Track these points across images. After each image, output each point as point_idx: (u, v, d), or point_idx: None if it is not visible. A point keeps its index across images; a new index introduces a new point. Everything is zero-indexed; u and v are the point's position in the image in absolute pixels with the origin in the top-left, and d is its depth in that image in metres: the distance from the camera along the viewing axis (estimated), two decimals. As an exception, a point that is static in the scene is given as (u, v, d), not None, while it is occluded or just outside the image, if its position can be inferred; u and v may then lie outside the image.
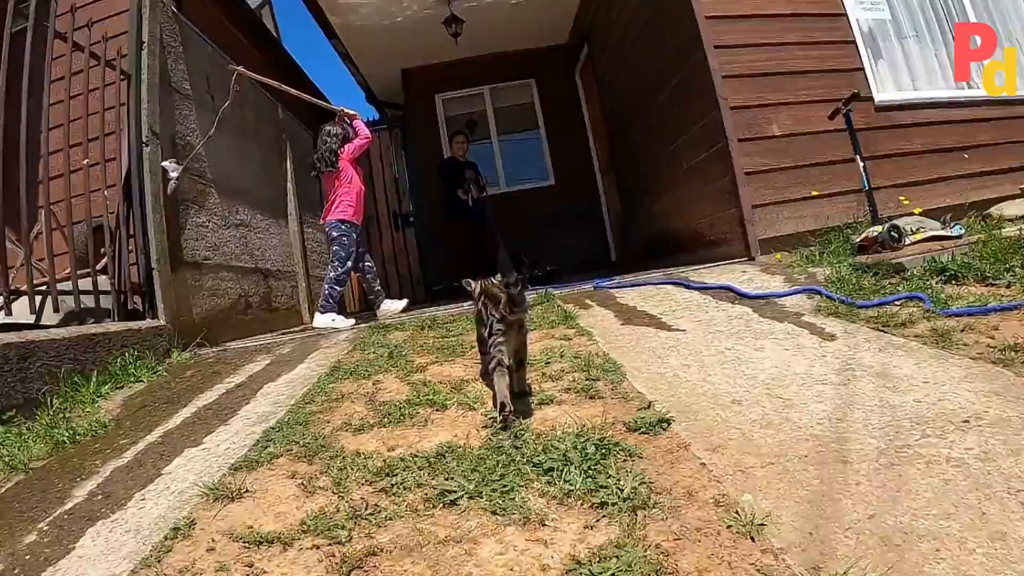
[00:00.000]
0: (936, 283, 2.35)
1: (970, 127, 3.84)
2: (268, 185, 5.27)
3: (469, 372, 2.00)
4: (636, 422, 1.36)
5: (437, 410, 1.66)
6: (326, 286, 3.91)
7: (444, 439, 1.47)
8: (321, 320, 3.81)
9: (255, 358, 2.98)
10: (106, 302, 3.21)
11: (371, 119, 8.28)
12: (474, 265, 6.34)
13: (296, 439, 1.62)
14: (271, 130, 5.36)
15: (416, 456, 1.38)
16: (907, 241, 2.83)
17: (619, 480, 1.10)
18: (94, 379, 2.67)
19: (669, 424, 1.36)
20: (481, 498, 1.13)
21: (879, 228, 2.90)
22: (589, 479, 1.12)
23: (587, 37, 6.34)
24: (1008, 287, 2.14)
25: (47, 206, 3.02)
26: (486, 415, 1.56)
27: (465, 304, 3.95)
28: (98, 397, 2.60)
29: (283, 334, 4.05)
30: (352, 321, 3.83)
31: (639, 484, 1.09)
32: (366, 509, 1.19)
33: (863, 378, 1.55)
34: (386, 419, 1.65)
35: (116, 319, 3.21)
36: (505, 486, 1.15)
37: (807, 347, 1.86)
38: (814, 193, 3.50)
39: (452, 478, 1.23)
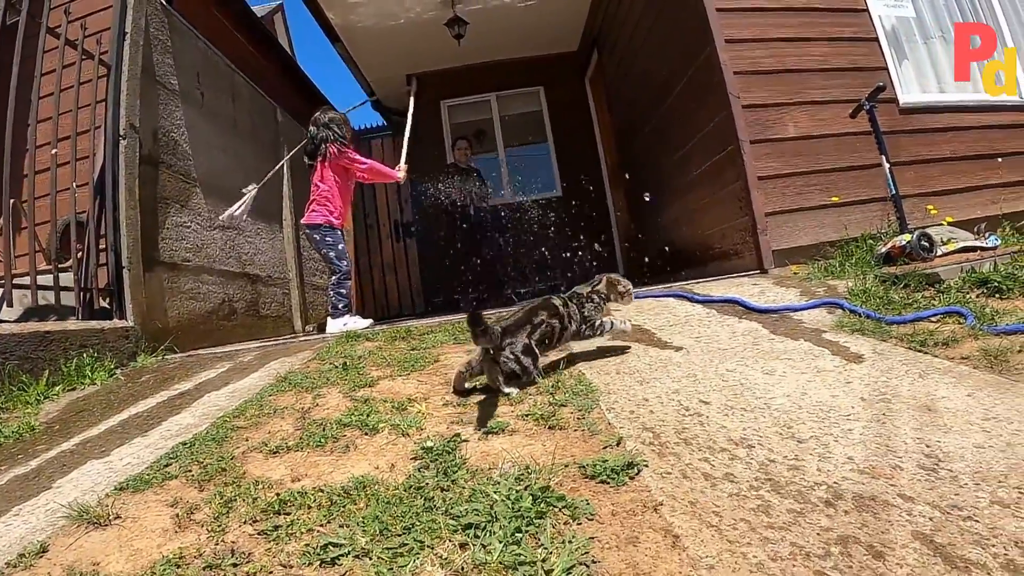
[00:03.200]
0: (977, 297, 2.07)
1: (1004, 133, 3.52)
2: (262, 188, 5.10)
3: (421, 389, 1.72)
4: (596, 466, 1.04)
5: (366, 434, 1.38)
6: (330, 291, 3.65)
7: (361, 471, 1.19)
8: (332, 325, 3.54)
9: (215, 364, 2.75)
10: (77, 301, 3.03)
11: (377, 125, 8.17)
12: (473, 276, 6.11)
13: (200, 459, 1.38)
14: (268, 132, 5.21)
15: (320, 491, 1.11)
16: (939, 252, 2.58)
17: (549, 555, 0.80)
18: (44, 379, 2.50)
19: (639, 471, 1.04)
20: (368, 560, 0.85)
21: (908, 236, 2.63)
22: (513, 546, 0.82)
23: (596, 41, 6.10)
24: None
25: (17, 200, 2.86)
26: (419, 443, 1.28)
27: (446, 315, 3.68)
28: (45, 398, 2.44)
29: (265, 341, 3.82)
30: (368, 322, 3.55)
31: (574, 565, 0.78)
32: (231, 557, 0.93)
33: (902, 412, 1.22)
34: (307, 441, 1.38)
35: (80, 318, 3.03)
36: (405, 544, 0.86)
37: (828, 371, 1.54)
38: (834, 200, 3.17)
39: (348, 526, 0.96)
